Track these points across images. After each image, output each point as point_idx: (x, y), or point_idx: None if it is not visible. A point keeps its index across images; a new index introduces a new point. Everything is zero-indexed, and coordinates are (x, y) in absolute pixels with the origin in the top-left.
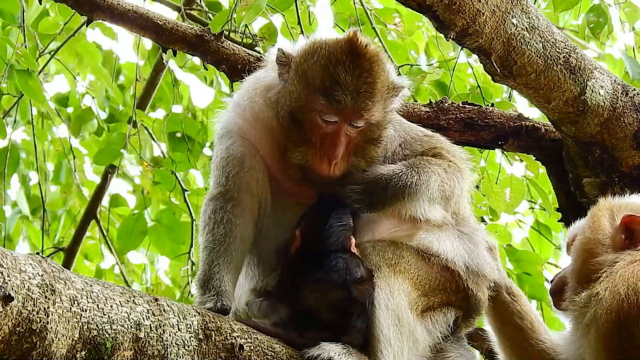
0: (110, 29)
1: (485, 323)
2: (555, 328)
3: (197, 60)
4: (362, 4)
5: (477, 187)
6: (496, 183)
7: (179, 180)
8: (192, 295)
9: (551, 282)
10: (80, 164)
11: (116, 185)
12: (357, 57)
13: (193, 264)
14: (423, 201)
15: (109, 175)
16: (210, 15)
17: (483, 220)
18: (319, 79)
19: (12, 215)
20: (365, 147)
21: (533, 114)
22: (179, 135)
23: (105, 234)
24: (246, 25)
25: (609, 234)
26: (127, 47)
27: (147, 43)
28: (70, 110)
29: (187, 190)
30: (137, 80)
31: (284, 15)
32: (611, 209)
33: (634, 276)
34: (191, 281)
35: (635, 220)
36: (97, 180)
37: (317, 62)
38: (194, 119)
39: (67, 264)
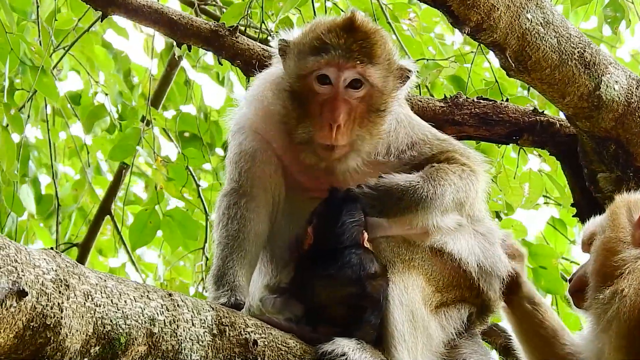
0: (124, 29)
1: (504, 324)
2: (569, 323)
3: (209, 60)
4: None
5: (494, 181)
6: (514, 178)
7: (192, 176)
8: (206, 290)
9: (569, 281)
10: (93, 161)
11: (130, 182)
12: (353, 27)
13: (207, 259)
14: (436, 214)
15: (124, 171)
16: (224, 10)
17: (498, 215)
18: (310, 45)
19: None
20: (370, 118)
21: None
22: (187, 135)
23: (119, 229)
24: (262, 21)
25: (629, 230)
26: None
27: (159, 44)
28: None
29: (200, 186)
30: (150, 77)
31: (300, 10)
32: (628, 205)
33: None
34: (205, 277)
35: None
36: (109, 177)
37: (311, 35)
38: (206, 119)
39: (81, 259)
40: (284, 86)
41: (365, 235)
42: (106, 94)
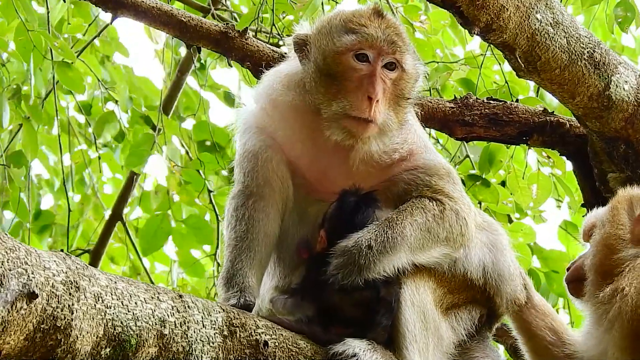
0: (123, 46)
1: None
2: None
3: (216, 79)
4: (387, 2)
5: (504, 184)
6: (523, 178)
7: (205, 183)
8: (217, 295)
9: (567, 269)
10: (99, 177)
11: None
12: (381, 15)
13: (219, 265)
14: (405, 252)
15: (135, 177)
16: (235, 15)
17: (510, 219)
18: (345, 27)
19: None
20: (397, 102)
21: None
22: (208, 143)
23: (131, 236)
24: (273, 24)
25: (628, 227)
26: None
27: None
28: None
29: (212, 191)
30: (163, 82)
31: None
32: (630, 201)
33: None
34: (216, 282)
35: None
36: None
37: (338, 19)
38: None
39: (92, 266)
40: (310, 72)
41: None
42: (116, 101)
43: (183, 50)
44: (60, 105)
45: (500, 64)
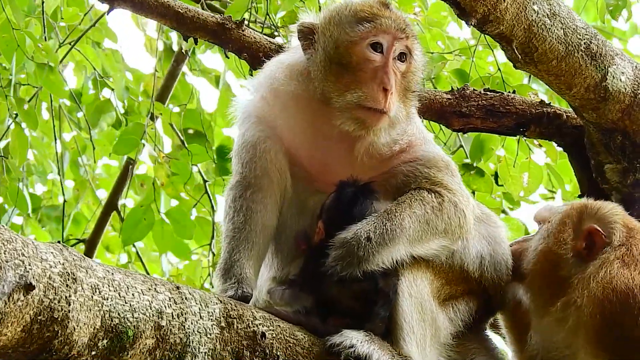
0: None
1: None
2: None
3: (207, 63)
4: None
5: (497, 176)
6: (513, 166)
7: (200, 172)
8: (212, 286)
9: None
10: (94, 162)
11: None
12: (388, 5)
13: (214, 255)
14: (404, 243)
15: (130, 167)
16: (229, 4)
17: (504, 212)
18: (357, 16)
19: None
20: (406, 95)
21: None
22: (191, 131)
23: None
24: (267, 14)
25: (570, 244)
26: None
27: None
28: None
29: (207, 181)
30: (155, 71)
31: (303, 2)
32: (581, 214)
33: (607, 276)
34: (212, 273)
35: (598, 234)
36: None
37: (348, 10)
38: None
39: (87, 255)
40: (318, 61)
41: None
42: (112, 89)
43: (174, 37)
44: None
45: (493, 54)
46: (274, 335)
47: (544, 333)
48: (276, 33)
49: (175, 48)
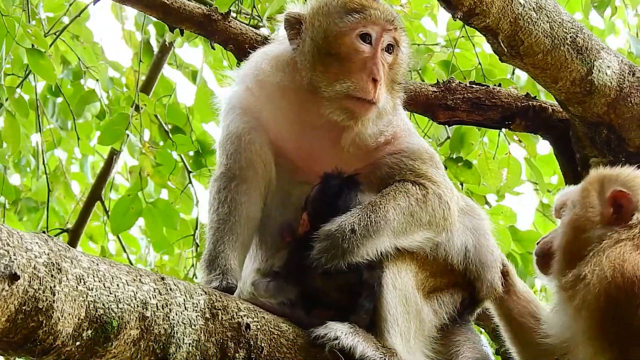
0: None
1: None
2: None
3: (184, 57)
4: None
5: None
6: (493, 159)
7: (184, 162)
8: (196, 277)
9: (537, 243)
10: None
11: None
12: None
13: (198, 246)
14: (388, 236)
15: (114, 157)
16: None
17: (487, 202)
18: (346, 7)
19: None
20: (393, 87)
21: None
22: (169, 127)
23: (109, 215)
24: (254, 6)
25: (598, 209)
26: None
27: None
28: (59, 100)
29: (192, 172)
30: (140, 61)
31: None
32: (602, 182)
33: (620, 257)
34: (196, 264)
35: (624, 196)
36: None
37: (337, 3)
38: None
39: (71, 245)
40: (306, 52)
41: None
42: (97, 80)
43: (152, 30)
44: (30, 85)
45: (474, 46)
46: (259, 326)
47: (557, 310)
48: (261, 24)
49: (154, 42)
